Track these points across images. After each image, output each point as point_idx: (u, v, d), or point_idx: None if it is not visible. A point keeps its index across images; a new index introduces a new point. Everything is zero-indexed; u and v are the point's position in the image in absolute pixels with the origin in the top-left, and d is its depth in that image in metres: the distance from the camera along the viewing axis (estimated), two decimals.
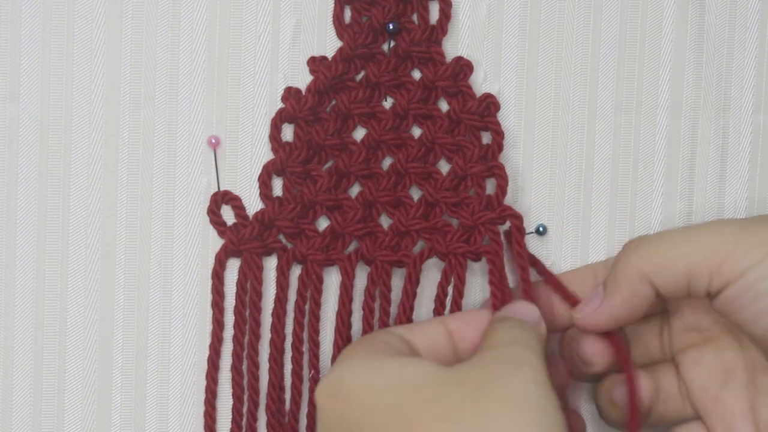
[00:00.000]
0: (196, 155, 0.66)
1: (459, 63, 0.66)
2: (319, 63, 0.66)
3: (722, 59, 0.68)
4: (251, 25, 0.66)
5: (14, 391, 0.67)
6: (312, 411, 0.66)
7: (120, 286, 0.67)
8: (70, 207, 0.66)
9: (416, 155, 0.66)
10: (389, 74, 0.66)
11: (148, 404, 0.67)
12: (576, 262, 0.68)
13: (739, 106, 0.68)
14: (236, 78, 0.66)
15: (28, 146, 0.66)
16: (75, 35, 0.66)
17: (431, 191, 0.66)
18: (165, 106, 0.66)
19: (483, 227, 0.66)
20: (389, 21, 0.65)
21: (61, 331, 0.67)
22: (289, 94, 0.66)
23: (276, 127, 0.66)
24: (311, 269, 0.66)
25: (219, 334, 0.66)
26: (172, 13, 0.66)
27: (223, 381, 0.67)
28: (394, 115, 0.66)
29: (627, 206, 0.68)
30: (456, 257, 0.65)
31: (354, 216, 0.66)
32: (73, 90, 0.66)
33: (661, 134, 0.68)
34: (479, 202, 0.66)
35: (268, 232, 0.66)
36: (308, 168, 0.66)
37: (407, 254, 0.66)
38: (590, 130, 0.68)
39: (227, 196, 0.66)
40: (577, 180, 0.68)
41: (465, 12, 0.67)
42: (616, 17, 0.67)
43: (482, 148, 0.66)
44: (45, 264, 0.66)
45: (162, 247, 0.67)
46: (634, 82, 0.68)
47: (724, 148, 0.68)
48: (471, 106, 0.66)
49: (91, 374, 0.67)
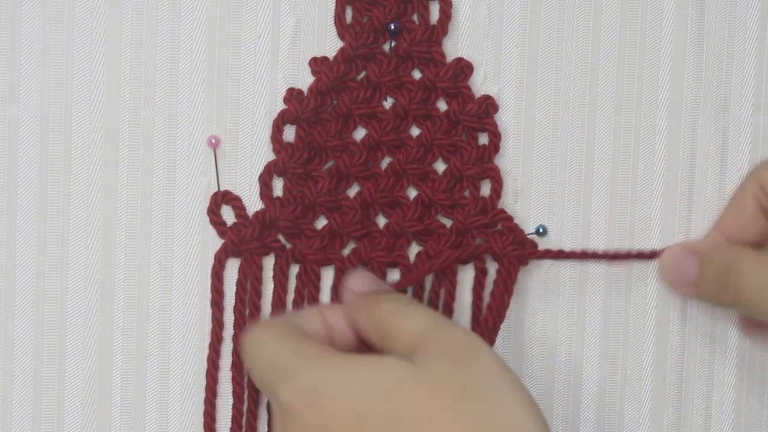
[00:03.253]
0: (196, 155, 0.66)
1: (459, 64, 0.66)
2: (321, 63, 0.66)
3: (722, 59, 0.68)
4: (251, 25, 0.66)
5: (14, 391, 0.67)
6: None
7: (120, 286, 0.67)
8: (70, 207, 0.66)
9: (415, 156, 0.66)
10: (390, 74, 0.66)
11: (148, 404, 0.67)
12: (576, 261, 0.68)
13: (739, 106, 0.68)
14: (236, 78, 0.66)
15: (28, 146, 0.66)
16: (75, 35, 0.65)
17: (428, 192, 0.66)
18: (165, 106, 0.66)
19: (476, 231, 0.66)
20: (390, 21, 0.65)
21: (61, 331, 0.67)
22: (291, 96, 0.66)
23: (278, 128, 0.66)
24: (310, 269, 0.66)
25: (219, 333, 0.66)
26: (172, 13, 0.66)
27: (223, 381, 0.67)
28: (395, 116, 0.66)
29: (627, 206, 0.68)
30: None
31: (353, 217, 0.66)
32: (73, 90, 0.66)
33: (661, 134, 0.68)
34: (474, 205, 0.66)
35: (268, 232, 0.66)
36: (309, 169, 0.66)
37: (402, 255, 0.66)
38: (590, 130, 0.68)
39: (227, 196, 0.66)
40: (577, 180, 0.68)
41: (465, 12, 0.67)
42: (616, 17, 0.67)
43: (479, 149, 0.66)
44: (45, 264, 0.66)
45: (162, 247, 0.67)
46: (634, 82, 0.68)
47: (724, 148, 0.68)
48: (470, 107, 0.66)
49: (91, 374, 0.67)
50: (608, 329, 0.68)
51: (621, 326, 0.68)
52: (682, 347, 0.69)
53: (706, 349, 0.69)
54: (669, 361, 0.69)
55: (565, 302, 0.68)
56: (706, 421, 0.69)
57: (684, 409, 0.69)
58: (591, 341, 0.68)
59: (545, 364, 0.68)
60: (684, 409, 0.69)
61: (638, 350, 0.68)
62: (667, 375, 0.69)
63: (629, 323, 0.68)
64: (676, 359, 0.69)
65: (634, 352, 0.68)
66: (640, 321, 0.68)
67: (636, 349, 0.68)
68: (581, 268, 0.68)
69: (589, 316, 0.68)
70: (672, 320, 0.69)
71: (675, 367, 0.69)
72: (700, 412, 0.69)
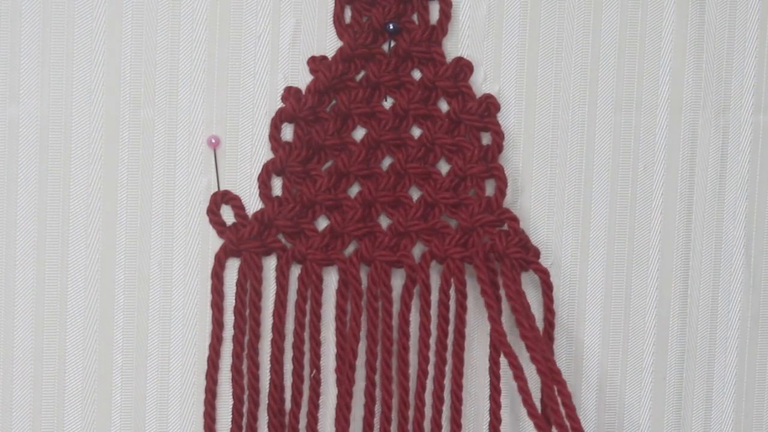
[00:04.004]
0: (196, 155, 0.66)
1: (459, 63, 0.66)
2: (319, 63, 0.66)
3: (722, 59, 0.68)
4: (251, 25, 0.66)
5: (14, 391, 0.67)
6: (313, 410, 0.66)
7: (120, 286, 0.67)
8: (70, 207, 0.66)
9: (416, 155, 0.66)
10: (389, 74, 0.66)
11: (148, 404, 0.67)
12: (576, 261, 0.68)
13: (739, 106, 0.68)
14: (236, 78, 0.66)
15: (28, 146, 0.66)
16: (75, 35, 0.66)
17: (431, 192, 0.66)
18: (165, 106, 0.66)
19: (481, 229, 0.66)
20: (389, 21, 0.65)
21: (61, 331, 0.67)
22: (289, 94, 0.66)
23: (276, 126, 0.66)
24: (311, 269, 0.66)
25: (219, 334, 0.66)
26: (172, 13, 0.66)
27: (223, 381, 0.67)
28: (394, 115, 0.66)
29: (627, 206, 0.68)
30: (454, 261, 0.65)
31: (353, 216, 0.66)
32: (73, 90, 0.66)
33: (661, 134, 0.68)
34: (478, 204, 0.66)
35: (268, 232, 0.66)
36: (308, 168, 0.66)
37: (406, 254, 0.66)
38: (590, 130, 0.68)
39: (227, 196, 0.66)
40: (577, 180, 0.68)
41: (465, 12, 0.67)
42: (616, 17, 0.67)
43: (482, 148, 0.66)
44: (45, 264, 0.66)
45: (162, 247, 0.67)
46: (634, 82, 0.68)
47: (724, 148, 0.68)
48: (471, 106, 0.66)
49: (91, 374, 0.67)
50: (608, 329, 0.68)
51: (621, 326, 0.68)
52: (682, 347, 0.69)
53: (706, 349, 0.69)
54: (669, 361, 0.69)
55: (566, 302, 0.68)
56: (706, 421, 0.69)
57: (684, 409, 0.69)
58: (591, 341, 0.68)
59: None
60: (684, 409, 0.69)
61: (638, 350, 0.68)
62: (667, 375, 0.69)
63: (629, 323, 0.68)
64: (676, 359, 0.69)
65: (634, 352, 0.68)
66: (640, 321, 0.68)
67: (636, 349, 0.68)
68: (581, 268, 0.68)
69: (589, 315, 0.68)
70: (672, 320, 0.69)
71: (675, 367, 0.69)
72: (700, 412, 0.69)
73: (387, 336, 0.65)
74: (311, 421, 0.66)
